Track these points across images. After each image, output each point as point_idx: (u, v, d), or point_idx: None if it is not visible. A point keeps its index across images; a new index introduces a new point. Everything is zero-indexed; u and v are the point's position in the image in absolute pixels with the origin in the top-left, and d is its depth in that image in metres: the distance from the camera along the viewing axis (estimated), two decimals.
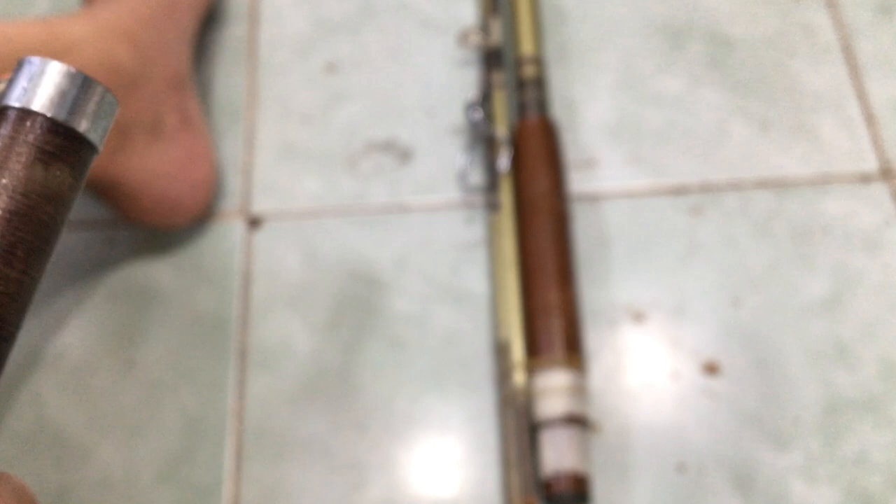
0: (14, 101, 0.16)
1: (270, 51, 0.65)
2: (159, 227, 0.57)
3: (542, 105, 0.58)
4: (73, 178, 0.17)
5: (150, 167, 0.54)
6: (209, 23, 0.65)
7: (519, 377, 0.50)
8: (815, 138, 0.59)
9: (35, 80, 0.16)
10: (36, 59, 0.17)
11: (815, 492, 0.49)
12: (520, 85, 0.59)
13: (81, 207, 0.59)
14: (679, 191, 0.58)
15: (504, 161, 0.55)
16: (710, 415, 0.51)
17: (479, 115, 0.57)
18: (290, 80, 0.63)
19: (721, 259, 0.56)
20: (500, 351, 0.51)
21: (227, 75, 0.64)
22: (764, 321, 0.54)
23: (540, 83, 0.58)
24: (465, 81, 0.62)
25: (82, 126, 0.17)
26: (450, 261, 0.56)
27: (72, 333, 0.55)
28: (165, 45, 0.56)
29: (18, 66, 0.17)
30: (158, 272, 0.57)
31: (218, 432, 0.52)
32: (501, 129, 0.57)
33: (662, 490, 0.49)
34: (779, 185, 0.58)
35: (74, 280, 0.56)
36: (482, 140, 0.58)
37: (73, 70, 0.17)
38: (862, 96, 0.61)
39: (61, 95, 0.17)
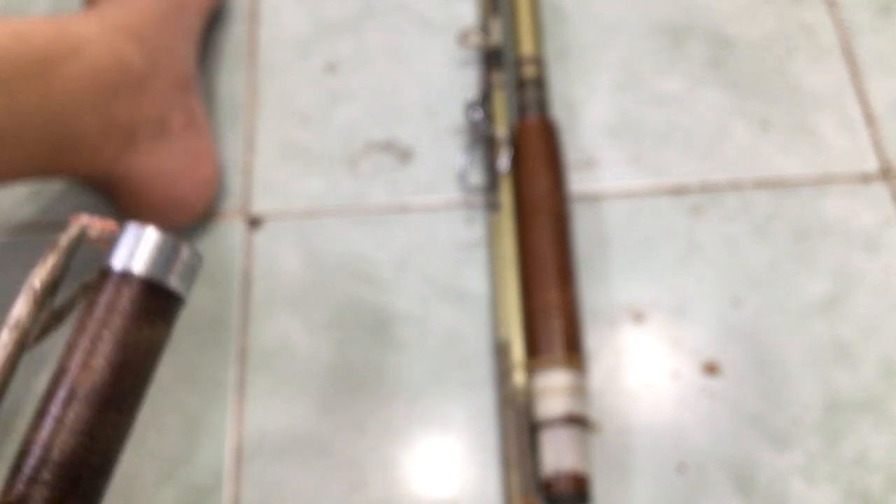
0: (119, 263, 0.18)
1: (270, 51, 0.65)
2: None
3: (542, 105, 0.58)
4: (167, 330, 0.19)
5: (155, 166, 0.54)
6: (212, 23, 0.65)
7: (519, 377, 0.50)
8: (815, 138, 0.59)
9: (135, 244, 0.19)
10: (135, 226, 0.19)
11: (815, 492, 0.49)
12: (520, 85, 0.59)
13: (83, 206, 0.59)
14: (679, 191, 0.58)
15: (504, 161, 0.55)
16: (710, 415, 0.51)
17: (479, 115, 0.57)
18: (290, 80, 0.63)
19: (721, 259, 0.56)
20: (500, 351, 0.51)
21: (228, 75, 0.64)
22: (764, 321, 0.54)
23: (540, 83, 0.58)
24: (465, 81, 0.62)
25: (174, 284, 0.19)
26: (450, 261, 0.56)
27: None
28: (172, 46, 0.56)
29: (122, 230, 0.19)
30: None
31: (218, 432, 0.52)
32: (501, 129, 0.57)
33: (662, 490, 0.49)
34: (779, 185, 0.58)
35: (75, 279, 0.56)
36: (482, 140, 0.58)
37: (165, 235, 0.19)
38: (862, 96, 0.61)
39: (158, 258, 0.19)
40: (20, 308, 0.18)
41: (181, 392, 0.53)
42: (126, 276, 0.19)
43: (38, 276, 0.19)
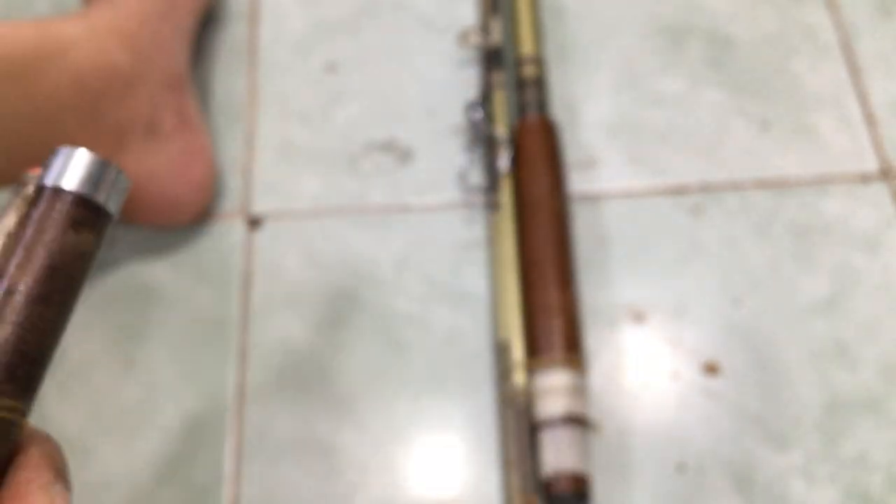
0: (50, 181, 0.22)
1: (270, 51, 0.65)
2: (159, 226, 0.57)
3: (542, 105, 0.58)
4: (96, 239, 0.22)
5: (148, 167, 0.54)
6: (209, 23, 0.65)
7: (519, 377, 0.50)
8: (815, 138, 0.59)
9: (65, 163, 0.22)
10: (66, 148, 0.22)
11: (815, 492, 0.49)
12: (520, 85, 0.59)
13: None
14: (679, 191, 0.58)
15: (504, 161, 0.55)
16: (710, 415, 0.51)
17: (479, 115, 0.57)
18: (290, 80, 0.63)
19: (721, 259, 0.56)
20: (500, 351, 0.51)
21: (227, 75, 0.64)
22: (764, 321, 0.54)
23: (540, 83, 0.58)
24: (465, 81, 0.62)
25: (102, 199, 0.22)
26: (450, 261, 0.56)
27: (72, 333, 0.54)
28: (162, 45, 0.56)
29: (53, 153, 0.22)
30: (158, 272, 0.57)
31: (218, 432, 0.52)
32: (501, 129, 0.57)
33: (662, 490, 0.49)
34: (779, 185, 0.58)
35: None
36: (482, 140, 0.58)
37: (95, 155, 0.22)
38: (862, 96, 0.61)
39: (86, 176, 0.22)
40: None
41: (181, 392, 0.53)
42: (57, 190, 0.22)
43: (4, 229, 0.22)
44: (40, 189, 0.22)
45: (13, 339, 0.21)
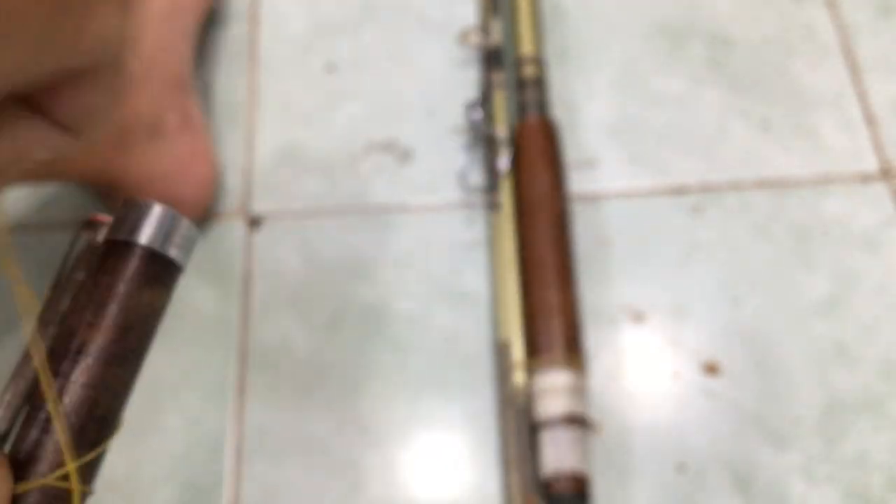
0: (123, 235, 0.21)
1: (270, 51, 0.65)
2: None
3: (542, 105, 0.58)
4: (167, 294, 0.22)
5: (151, 167, 0.54)
6: (209, 23, 0.65)
7: (519, 377, 0.50)
8: (815, 138, 0.59)
9: (138, 217, 0.21)
10: (138, 201, 0.21)
11: (815, 492, 0.49)
12: (520, 85, 0.59)
13: (82, 208, 0.59)
14: (679, 191, 0.58)
15: (504, 161, 0.55)
16: (710, 415, 0.51)
17: (479, 115, 0.57)
18: (290, 80, 0.63)
19: (721, 259, 0.56)
20: (500, 351, 0.51)
21: (227, 75, 0.64)
22: (764, 321, 0.54)
23: (540, 83, 0.58)
24: (465, 81, 0.62)
25: (174, 253, 0.22)
26: (450, 261, 0.56)
27: None
28: (167, 46, 0.56)
29: (125, 205, 0.22)
30: None
31: (218, 432, 0.52)
32: (501, 129, 0.57)
33: (662, 490, 0.49)
34: (779, 185, 0.58)
35: None
36: (482, 140, 0.58)
37: (168, 209, 0.21)
38: (862, 96, 0.61)
39: (159, 230, 0.21)
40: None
41: (181, 392, 0.53)
42: (130, 245, 0.21)
43: (65, 299, 0.22)
44: (112, 243, 0.21)
45: (88, 403, 0.20)
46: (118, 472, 0.51)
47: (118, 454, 0.52)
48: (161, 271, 0.22)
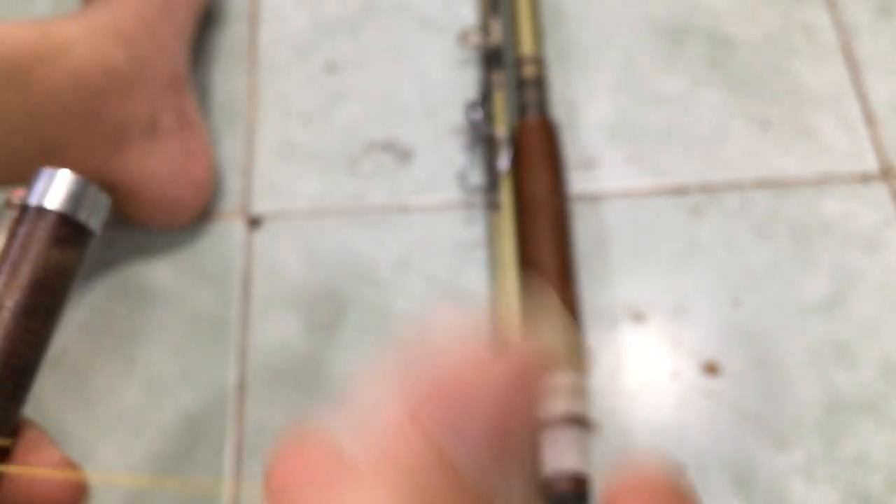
0: (34, 201, 0.23)
1: (270, 51, 0.65)
2: (158, 226, 0.57)
3: (542, 105, 0.58)
4: (78, 256, 0.24)
5: (148, 167, 0.54)
6: (209, 23, 0.65)
7: None
8: (815, 138, 0.59)
9: (48, 184, 0.23)
10: (48, 169, 0.23)
11: (815, 492, 0.49)
12: (520, 85, 0.59)
13: None
14: (679, 191, 0.58)
15: (504, 161, 0.55)
16: (710, 415, 0.51)
17: (479, 115, 0.57)
18: (290, 80, 0.63)
19: (721, 259, 0.56)
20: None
21: (227, 75, 0.64)
22: (764, 321, 0.54)
23: (540, 83, 0.58)
24: (465, 81, 0.62)
25: (83, 217, 0.24)
26: (450, 261, 0.56)
27: (72, 333, 0.55)
28: (161, 45, 0.56)
29: (36, 174, 0.24)
30: (158, 272, 0.57)
31: (218, 432, 0.52)
32: (501, 129, 0.57)
33: None
34: (779, 185, 0.58)
35: None
36: (482, 140, 0.58)
37: (76, 176, 0.23)
38: (862, 96, 0.61)
39: (68, 195, 0.23)
40: None
41: (181, 392, 0.53)
42: (40, 210, 0.23)
43: None
44: (24, 209, 0.23)
45: (3, 355, 0.22)
46: (118, 472, 0.51)
47: (118, 454, 0.52)
48: (71, 233, 0.23)
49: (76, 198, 0.23)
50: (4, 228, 0.23)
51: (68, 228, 0.23)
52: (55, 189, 0.23)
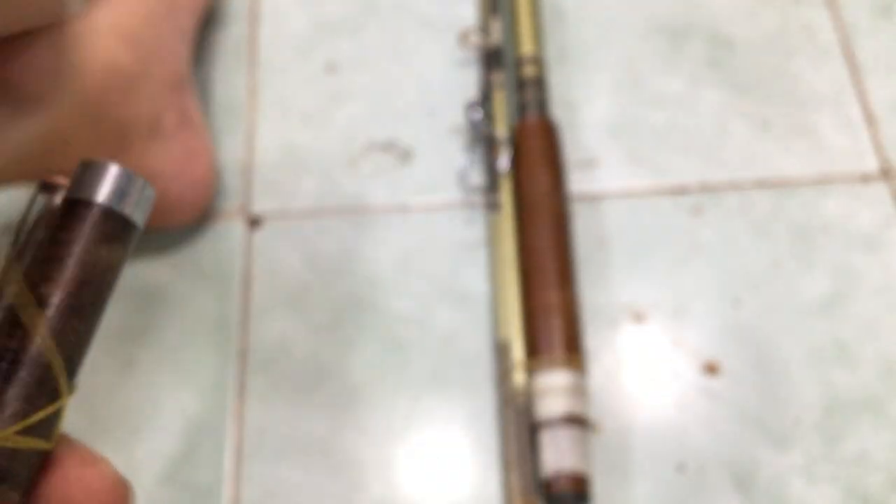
0: (79, 194, 0.22)
1: (270, 51, 0.65)
2: (159, 227, 0.57)
3: (542, 105, 0.58)
4: (123, 251, 0.23)
5: (150, 167, 0.54)
6: (209, 22, 0.65)
7: (519, 377, 0.50)
8: (815, 138, 0.59)
9: (94, 177, 0.22)
10: (95, 161, 0.22)
11: (815, 492, 0.49)
12: (520, 85, 0.59)
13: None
14: (679, 191, 0.58)
15: (504, 161, 0.55)
16: (710, 415, 0.51)
17: (479, 115, 0.57)
18: (290, 80, 0.63)
19: (721, 259, 0.56)
20: (500, 351, 0.51)
21: (227, 75, 0.64)
22: (764, 321, 0.54)
23: (540, 83, 0.58)
24: (465, 81, 0.62)
25: (129, 211, 0.23)
26: (450, 261, 0.56)
27: None
28: (164, 45, 0.56)
29: (81, 166, 0.23)
30: (158, 272, 0.57)
31: (218, 432, 0.52)
32: (501, 129, 0.57)
33: (662, 490, 0.49)
34: (779, 185, 0.58)
35: None
36: (482, 140, 0.58)
37: (123, 168, 0.22)
38: (862, 96, 0.61)
39: (115, 189, 0.22)
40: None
41: (181, 392, 0.53)
42: (87, 203, 0.22)
43: (26, 256, 0.22)
44: (70, 201, 0.22)
45: (48, 352, 0.21)
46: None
47: (118, 454, 0.52)
48: (117, 228, 0.22)
49: (123, 191, 0.22)
50: (45, 219, 0.22)
51: (114, 223, 0.22)
52: (102, 182, 0.22)
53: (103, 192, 0.22)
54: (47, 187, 0.23)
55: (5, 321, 0.21)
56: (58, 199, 0.23)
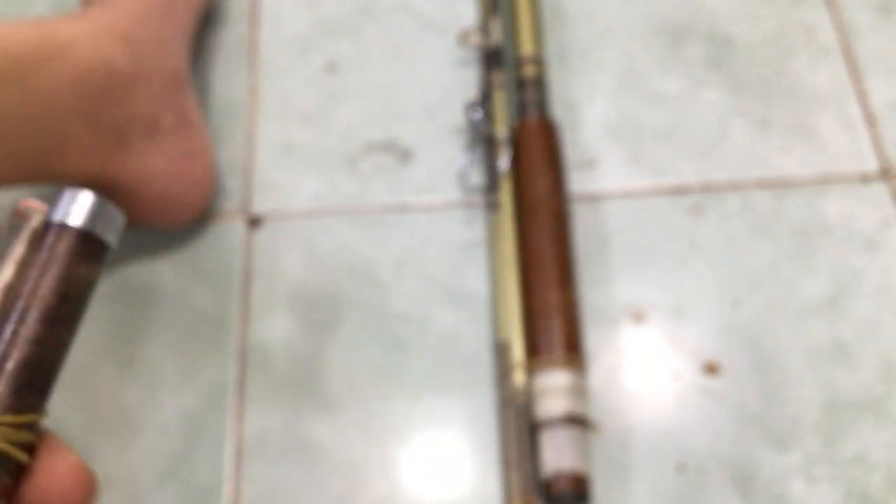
0: (58, 218, 0.25)
1: (270, 51, 0.65)
2: (159, 227, 0.57)
3: (542, 105, 0.58)
4: (97, 269, 0.26)
5: (148, 167, 0.54)
6: (209, 23, 0.65)
7: (519, 377, 0.50)
8: (815, 138, 0.59)
9: (71, 202, 0.25)
10: (71, 189, 0.26)
11: (815, 492, 0.49)
12: (520, 85, 0.59)
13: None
14: (679, 191, 0.58)
15: (504, 161, 0.55)
16: (710, 415, 0.51)
17: (479, 115, 0.57)
18: (290, 80, 0.63)
19: (721, 259, 0.56)
20: (500, 351, 0.51)
21: (227, 75, 0.64)
22: (764, 321, 0.54)
23: (540, 83, 0.58)
24: (465, 81, 0.62)
25: (102, 233, 0.26)
26: (450, 261, 0.56)
27: None
28: (161, 45, 0.56)
29: (60, 193, 0.26)
30: (158, 272, 0.57)
31: (218, 432, 0.52)
32: (501, 129, 0.57)
33: (662, 490, 0.49)
34: (779, 185, 0.58)
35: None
36: (482, 140, 0.58)
37: (96, 196, 0.26)
38: (862, 96, 0.61)
39: (89, 214, 0.25)
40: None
41: (181, 392, 0.53)
42: (64, 226, 0.25)
43: (8, 270, 0.25)
44: (48, 225, 0.25)
45: (33, 356, 0.24)
46: (118, 472, 0.51)
47: (118, 453, 0.52)
48: (92, 249, 0.25)
49: (96, 216, 0.26)
50: (23, 239, 0.25)
51: (89, 244, 0.25)
52: (77, 207, 0.25)
53: (80, 217, 0.25)
54: (21, 211, 0.26)
55: None
56: (33, 222, 0.25)
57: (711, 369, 0.52)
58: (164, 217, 0.56)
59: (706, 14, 0.64)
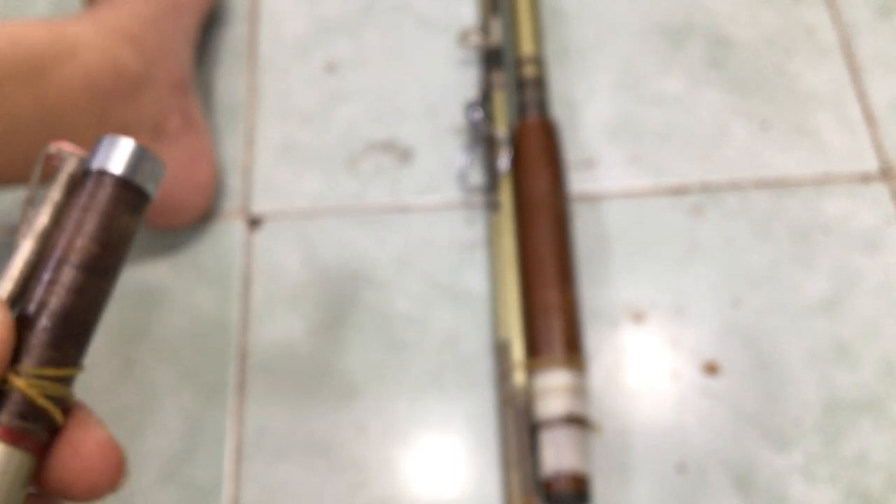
0: (97, 164, 0.24)
1: (270, 51, 0.65)
2: (162, 228, 0.57)
3: (542, 105, 0.58)
4: (137, 218, 0.24)
5: None
6: (210, 23, 0.65)
7: (519, 377, 0.50)
8: (815, 138, 0.59)
9: (111, 149, 0.24)
10: (111, 136, 0.24)
11: (815, 492, 0.49)
12: (520, 85, 0.59)
13: None
14: (679, 191, 0.58)
15: (504, 161, 0.55)
16: (710, 415, 0.51)
17: (479, 115, 0.57)
18: (290, 80, 0.63)
19: (721, 259, 0.56)
20: (500, 351, 0.51)
21: (227, 75, 0.64)
22: (764, 321, 0.54)
23: (540, 83, 0.58)
24: (465, 81, 0.62)
25: (142, 181, 0.24)
26: (450, 261, 0.56)
27: None
28: (168, 47, 0.56)
29: (99, 140, 0.24)
30: (158, 272, 0.57)
31: (218, 432, 0.52)
32: (501, 129, 0.57)
33: (662, 490, 0.49)
34: (779, 185, 0.58)
35: None
36: (482, 140, 0.58)
37: (137, 143, 0.24)
38: (862, 96, 0.61)
39: (129, 161, 0.24)
40: (28, 246, 0.24)
41: (181, 392, 0.53)
42: (104, 173, 0.24)
43: (44, 216, 0.24)
44: (87, 171, 0.24)
45: (73, 306, 0.23)
46: None
47: None
48: (132, 197, 0.24)
49: (137, 163, 0.24)
50: (60, 185, 0.24)
51: (131, 193, 0.24)
52: (118, 154, 0.24)
53: (120, 164, 0.24)
54: (54, 154, 0.24)
55: None
56: (68, 166, 0.24)
57: (711, 369, 0.52)
58: (167, 219, 0.56)
59: (706, 14, 0.64)
